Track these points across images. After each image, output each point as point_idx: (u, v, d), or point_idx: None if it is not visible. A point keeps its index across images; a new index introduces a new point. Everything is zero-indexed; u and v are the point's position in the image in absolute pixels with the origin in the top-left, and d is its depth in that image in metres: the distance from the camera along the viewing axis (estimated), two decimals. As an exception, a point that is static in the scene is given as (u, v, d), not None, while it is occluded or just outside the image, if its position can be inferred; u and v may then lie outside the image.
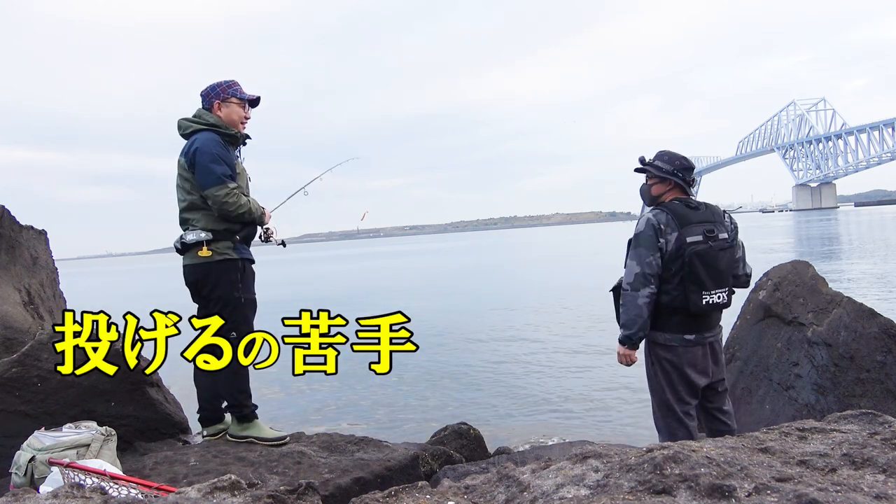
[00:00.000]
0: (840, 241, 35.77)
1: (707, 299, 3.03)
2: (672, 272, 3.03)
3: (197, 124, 3.59)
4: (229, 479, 1.75)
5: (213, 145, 3.50)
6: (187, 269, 3.59)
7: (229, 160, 3.55)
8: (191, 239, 3.50)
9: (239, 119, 3.67)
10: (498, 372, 9.48)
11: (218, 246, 3.51)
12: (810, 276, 4.64)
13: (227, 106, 3.62)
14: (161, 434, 3.78)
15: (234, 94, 3.63)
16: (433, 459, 4.35)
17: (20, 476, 2.83)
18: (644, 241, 3.08)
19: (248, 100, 3.70)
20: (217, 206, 3.45)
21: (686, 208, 3.10)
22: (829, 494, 1.39)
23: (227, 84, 3.64)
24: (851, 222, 65.72)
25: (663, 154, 3.26)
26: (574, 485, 1.57)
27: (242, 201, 3.51)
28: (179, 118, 3.70)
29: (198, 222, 3.52)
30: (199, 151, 3.46)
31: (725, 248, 3.09)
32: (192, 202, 3.53)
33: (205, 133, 3.55)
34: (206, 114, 3.62)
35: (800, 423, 1.95)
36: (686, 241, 3.01)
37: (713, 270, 3.04)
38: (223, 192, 3.43)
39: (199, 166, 3.46)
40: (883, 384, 3.92)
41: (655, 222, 3.07)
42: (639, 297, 3.05)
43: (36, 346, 3.61)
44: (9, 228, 5.27)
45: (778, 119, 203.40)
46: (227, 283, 3.53)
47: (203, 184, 3.46)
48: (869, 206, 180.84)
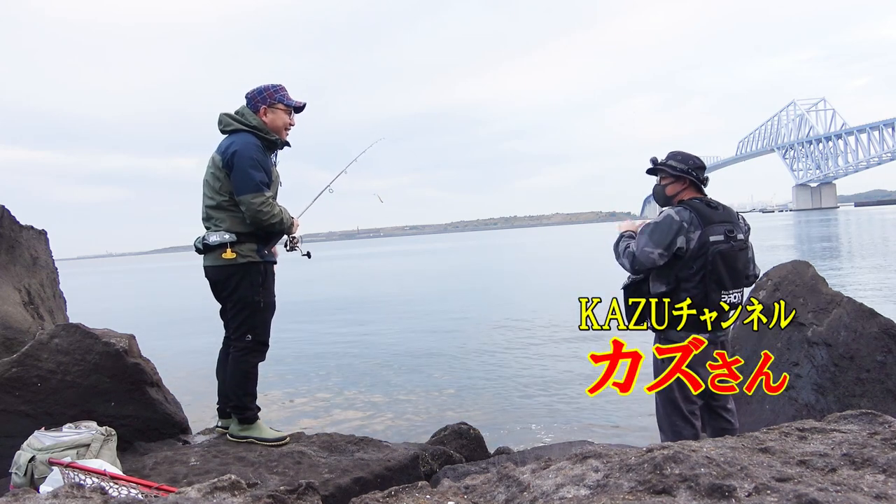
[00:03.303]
0: (840, 241, 35.77)
1: (726, 298, 3.05)
2: (693, 271, 3.02)
3: (239, 123, 3.53)
4: (229, 479, 1.75)
5: (254, 150, 3.44)
6: (209, 269, 3.55)
7: (267, 167, 3.50)
8: (214, 241, 3.45)
9: (284, 126, 3.61)
10: (498, 372, 9.48)
11: (242, 248, 3.47)
12: (810, 276, 4.64)
13: (274, 112, 3.57)
14: (161, 434, 3.78)
15: (281, 100, 3.58)
16: (433, 459, 4.35)
17: (20, 476, 2.83)
18: (657, 233, 3.06)
19: (295, 106, 3.65)
20: (251, 213, 3.40)
21: (707, 207, 3.11)
22: (829, 494, 1.39)
23: (274, 89, 3.58)
24: (851, 222, 65.72)
25: (676, 154, 3.27)
26: (574, 485, 1.57)
27: (276, 211, 3.47)
28: (221, 112, 3.62)
29: (222, 223, 3.47)
30: (238, 155, 3.40)
31: (743, 249, 3.12)
32: (221, 203, 3.47)
33: (245, 135, 3.49)
34: (249, 114, 3.55)
35: (800, 423, 1.94)
36: (709, 240, 3.01)
37: (733, 270, 3.06)
38: (259, 199, 3.38)
39: (237, 170, 3.40)
40: (883, 384, 3.92)
41: (678, 219, 3.05)
42: (623, 261, 3.20)
43: (36, 346, 3.61)
44: (9, 228, 5.27)
45: (778, 119, 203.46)
46: (249, 286, 3.50)
47: (239, 189, 3.40)
48: (869, 206, 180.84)
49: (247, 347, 3.55)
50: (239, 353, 3.56)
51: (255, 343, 3.57)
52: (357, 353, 11.74)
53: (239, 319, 3.53)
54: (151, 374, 3.85)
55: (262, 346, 3.62)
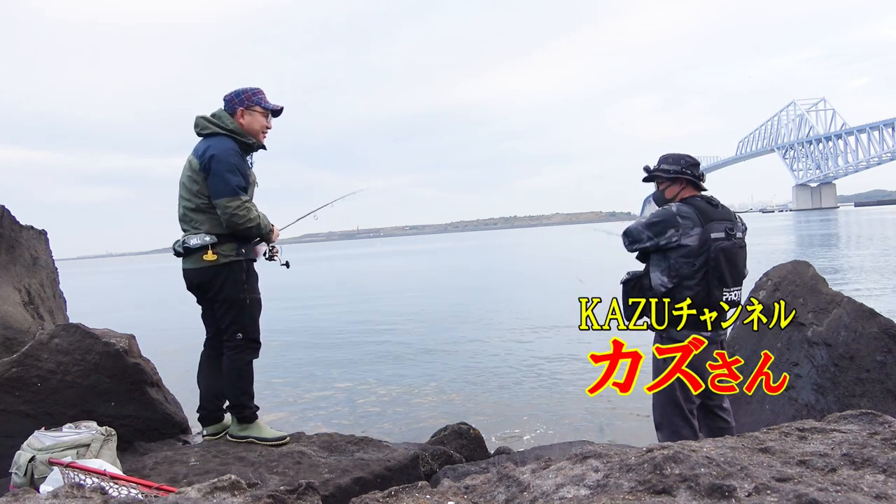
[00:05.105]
0: (840, 241, 35.77)
1: (727, 296, 3.06)
2: (696, 267, 3.03)
3: (215, 127, 3.55)
4: (229, 479, 1.75)
5: (231, 154, 3.47)
6: (190, 272, 3.57)
7: (244, 170, 3.53)
8: (195, 243, 3.47)
9: (261, 129, 3.63)
10: (498, 372, 9.48)
11: (223, 249, 3.49)
12: (810, 276, 4.64)
13: (251, 114, 3.59)
14: (161, 434, 3.78)
15: (258, 103, 3.60)
16: (433, 459, 4.35)
17: (20, 476, 2.83)
18: (653, 217, 3.13)
19: (272, 110, 3.67)
20: (227, 217, 3.42)
21: (708, 205, 3.13)
22: (829, 494, 1.39)
23: (252, 92, 3.60)
24: (851, 222, 65.70)
25: (667, 157, 3.28)
26: (574, 485, 1.57)
27: (252, 215, 3.49)
28: (197, 115, 3.64)
29: (202, 225, 3.50)
30: (215, 159, 3.42)
31: (742, 247, 3.15)
32: (199, 205, 3.50)
33: (222, 139, 3.51)
34: (226, 117, 3.57)
35: (800, 423, 1.94)
36: (711, 236, 3.02)
37: (734, 268, 3.08)
38: (235, 203, 3.41)
39: (214, 174, 3.42)
40: (883, 384, 3.92)
41: (675, 211, 3.09)
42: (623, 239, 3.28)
43: (36, 346, 3.61)
44: (9, 228, 5.27)
45: (778, 119, 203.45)
46: (233, 284, 3.52)
47: (216, 193, 3.43)
48: (869, 206, 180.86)
49: (238, 346, 3.58)
50: (231, 353, 3.59)
51: (246, 341, 3.60)
52: (357, 353, 11.74)
53: (228, 319, 3.56)
54: (151, 374, 3.86)
55: (253, 344, 3.64)
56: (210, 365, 3.74)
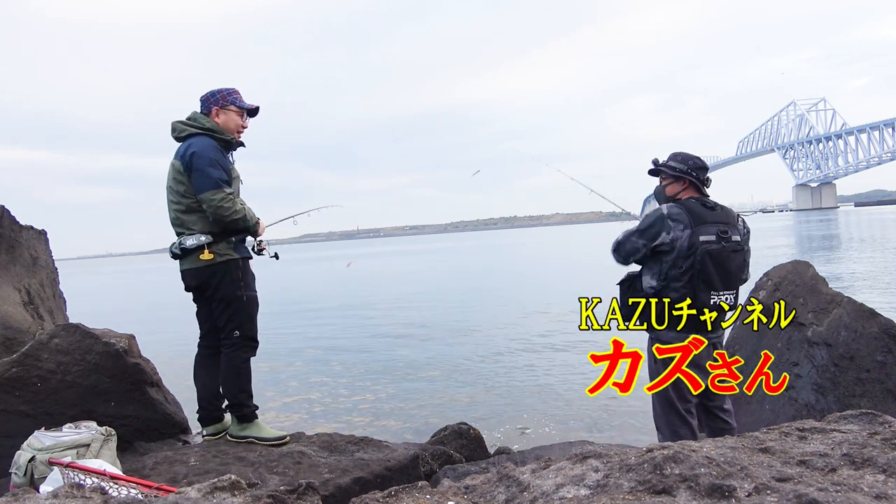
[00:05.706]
0: (840, 241, 35.76)
1: (715, 300, 3.04)
2: (682, 270, 3.03)
3: (192, 128, 3.59)
4: (229, 479, 1.75)
5: (212, 150, 3.51)
6: (188, 273, 3.59)
7: (226, 165, 3.56)
8: (191, 244, 3.50)
9: (236, 127, 3.68)
10: (498, 372, 9.49)
11: (218, 247, 3.53)
12: (810, 276, 4.64)
13: (226, 113, 3.64)
14: (161, 434, 3.78)
15: (233, 103, 3.65)
16: (433, 459, 4.35)
17: (20, 476, 2.83)
18: (643, 223, 3.14)
19: (248, 109, 3.72)
20: (212, 210, 3.45)
21: (702, 207, 3.12)
22: (829, 494, 1.39)
23: (227, 92, 3.65)
24: (851, 222, 65.70)
25: (677, 155, 3.28)
26: (574, 485, 1.57)
27: (237, 207, 3.52)
28: (173, 120, 3.69)
29: (195, 225, 3.52)
30: (196, 156, 3.46)
31: (737, 251, 3.11)
32: (190, 206, 3.53)
33: (201, 137, 3.55)
34: (201, 117, 3.62)
35: (800, 423, 1.94)
36: (699, 239, 3.01)
37: (723, 271, 3.05)
38: (219, 196, 3.43)
39: (196, 170, 3.46)
40: (883, 384, 3.92)
41: (665, 213, 3.10)
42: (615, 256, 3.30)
43: (36, 346, 3.61)
44: (9, 228, 5.27)
45: (778, 119, 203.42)
46: (230, 282, 3.55)
47: (199, 187, 3.46)
48: (869, 206, 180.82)
49: (235, 344, 3.59)
50: (229, 350, 3.61)
51: (244, 339, 3.61)
52: (357, 354, 11.74)
53: (225, 317, 3.58)
54: (151, 374, 3.86)
55: (250, 342, 3.65)
56: (206, 364, 3.75)
